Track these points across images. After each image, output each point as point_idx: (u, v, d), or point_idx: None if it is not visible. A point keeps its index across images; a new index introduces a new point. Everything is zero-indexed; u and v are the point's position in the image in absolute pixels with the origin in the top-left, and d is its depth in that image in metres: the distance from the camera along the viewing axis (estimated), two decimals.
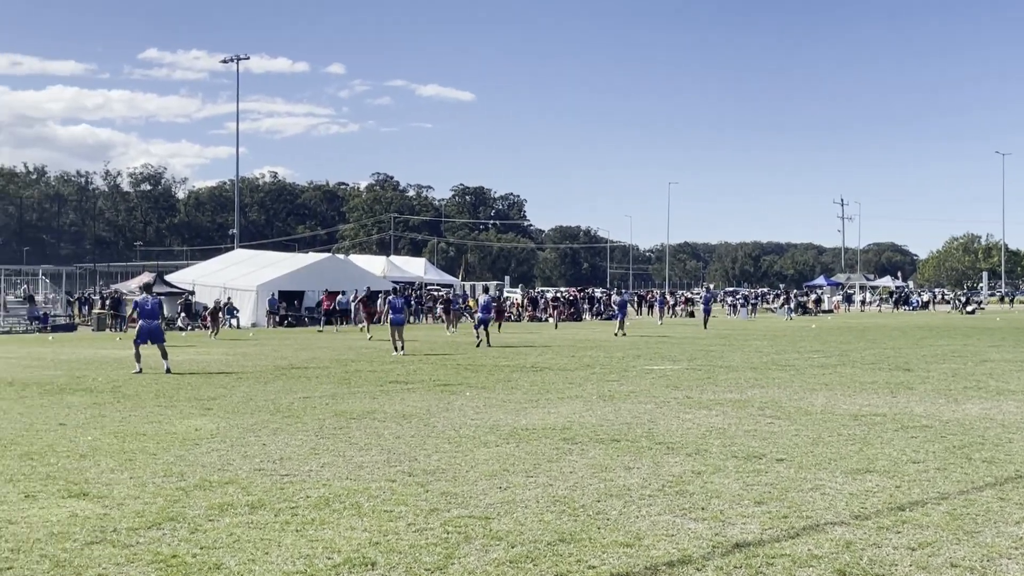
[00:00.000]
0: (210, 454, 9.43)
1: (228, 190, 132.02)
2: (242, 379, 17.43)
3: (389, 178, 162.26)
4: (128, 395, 14.82)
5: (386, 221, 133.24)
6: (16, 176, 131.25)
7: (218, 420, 11.90)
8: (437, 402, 13.74)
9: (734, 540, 6.21)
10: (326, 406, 13.30)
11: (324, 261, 54.91)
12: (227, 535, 6.36)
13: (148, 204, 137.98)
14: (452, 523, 6.66)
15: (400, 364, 20.70)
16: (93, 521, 6.71)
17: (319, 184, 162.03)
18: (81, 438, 10.47)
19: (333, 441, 10.21)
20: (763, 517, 6.79)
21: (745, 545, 6.09)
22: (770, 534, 6.36)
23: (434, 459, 9.11)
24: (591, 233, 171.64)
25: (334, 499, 7.41)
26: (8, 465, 8.83)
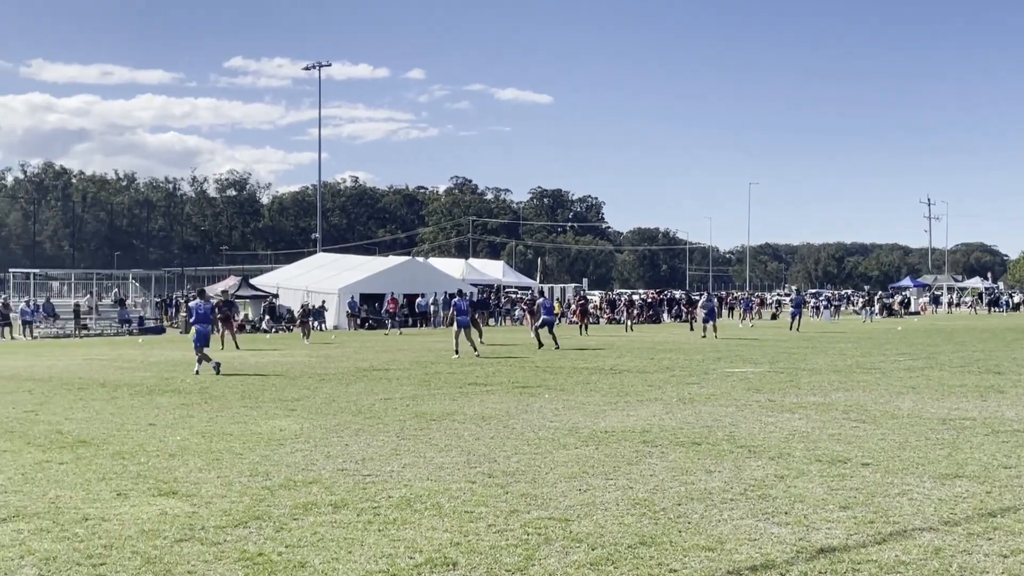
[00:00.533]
0: (294, 454, 9.59)
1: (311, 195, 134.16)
2: (325, 380, 17.69)
3: (468, 181, 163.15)
4: (215, 396, 15.14)
5: (465, 224, 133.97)
6: (107, 183, 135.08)
7: (302, 421, 12.09)
8: (516, 404, 13.77)
9: (819, 545, 6.11)
10: (407, 407, 13.43)
11: (404, 264, 55.39)
12: (311, 534, 6.46)
13: (233, 209, 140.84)
14: (532, 525, 6.67)
15: (479, 366, 20.80)
16: (182, 519, 6.88)
17: (399, 188, 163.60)
18: (170, 438, 10.73)
19: (414, 442, 10.31)
20: (848, 522, 6.67)
21: (830, 550, 5.99)
22: (856, 539, 6.24)
23: (513, 461, 9.14)
24: (670, 235, 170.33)
25: (415, 499, 7.48)
26: (101, 464, 9.10)
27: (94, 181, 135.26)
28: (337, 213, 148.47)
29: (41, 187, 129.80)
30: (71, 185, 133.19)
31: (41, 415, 12.86)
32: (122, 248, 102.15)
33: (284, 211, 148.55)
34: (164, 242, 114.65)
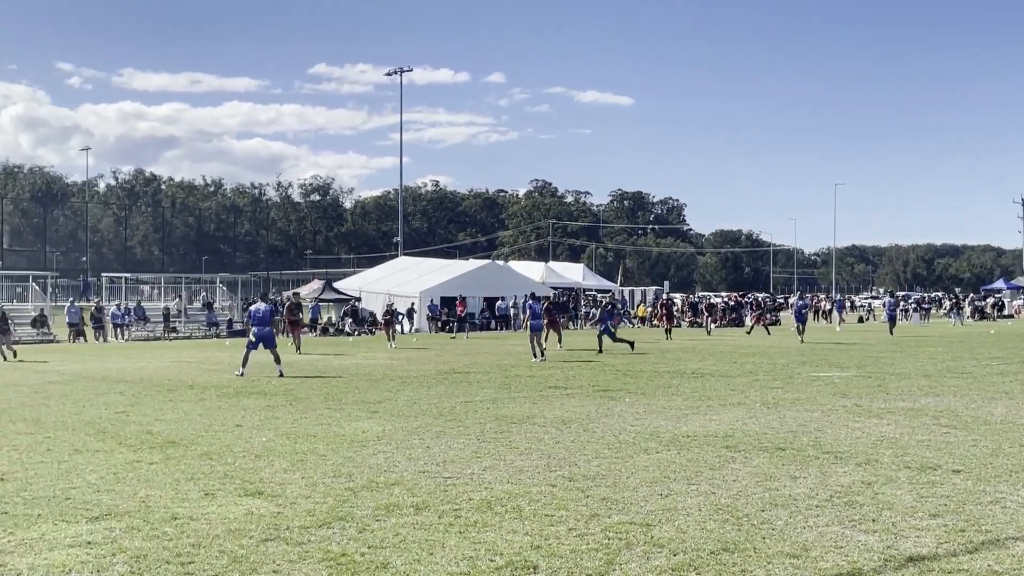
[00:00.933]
0: (376, 456, 9.69)
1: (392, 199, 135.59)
2: (406, 383, 17.84)
3: (547, 184, 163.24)
4: (299, 398, 15.38)
5: (544, 227, 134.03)
6: (195, 189, 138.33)
7: (384, 423, 12.21)
8: (596, 407, 13.72)
9: (907, 554, 5.97)
10: (487, 410, 13.47)
11: (484, 267, 55.62)
12: (393, 535, 6.52)
13: (317, 214, 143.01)
14: (613, 529, 6.63)
15: (559, 369, 20.77)
16: (267, 519, 7.00)
17: (479, 192, 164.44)
18: (256, 439, 10.93)
19: (494, 445, 10.34)
20: (938, 530, 6.50)
21: (919, 559, 5.84)
22: (946, 548, 6.08)
23: (594, 464, 9.10)
24: (753, 237, 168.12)
25: (496, 502, 7.50)
26: (189, 464, 9.30)
27: (183, 187, 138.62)
28: (418, 217, 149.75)
29: (132, 193, 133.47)
30: (161, 191, 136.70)
31: (132, 416, 13.20)
32: (210, 253, 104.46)
33: (366, 215, 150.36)
34: (250, 246, 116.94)
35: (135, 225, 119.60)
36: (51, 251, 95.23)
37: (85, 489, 8.06)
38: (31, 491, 7.99)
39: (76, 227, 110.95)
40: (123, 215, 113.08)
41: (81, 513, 7.18)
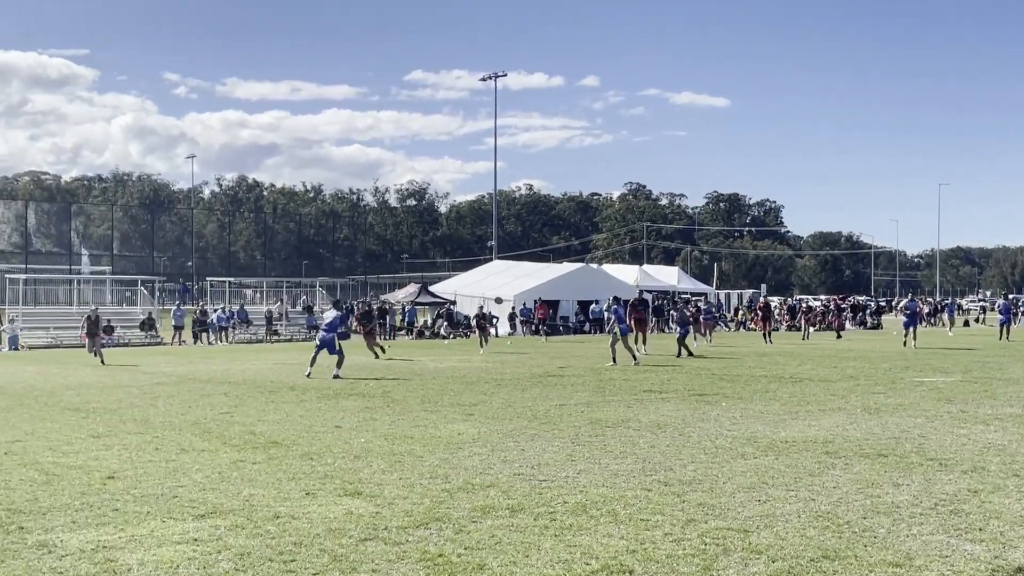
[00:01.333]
0: (472, 458, 9.77)
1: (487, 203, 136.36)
2: (501, 386, 17.93)
3: (642, 187, 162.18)
4: (396, 400, 15.59)
5: (639, 230, 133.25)
6: (296, 195, 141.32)
7: (479, 425, 12.30)
8: (692, 412, 13.60)
9: (1016, 564, 5.78)
10: (581, 413, 13.47)
11: (578, 271, 55.57)
12: (489, 537, 6.57)
13: (413, 218, 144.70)
14: (710, 535, 6.58)
15: (653, 373, 20.63)
16: (366, 519, 7.12)
17: (573, 195, 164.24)
18: (354, 440, 11.12)
19: (589, 448, 10.33)
20: None
21: None
22: None
23: (690, 469, 9.03)
24: (853, 239, 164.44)
25: (591, 505, 7.49)
26: (291, 464, 9.51)
27: (284, 193, 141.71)
28: (512, 221, 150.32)
29: (235, 199, 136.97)
30: (263, 197, 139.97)
31: (236, 417, 13.55)
32: (309, 257, 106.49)
33: (461, 219, 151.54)
34: (348, 251, 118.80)
35: (238, 230, 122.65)
36: (158, 256, 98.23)
37: (191, 487, 8.31)
38: (140, 489, 8.26)
39: (182, 233, 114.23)
40: (227, 221, 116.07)
41: (188, 511, 7.40)
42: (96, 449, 10.52)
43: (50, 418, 13.51)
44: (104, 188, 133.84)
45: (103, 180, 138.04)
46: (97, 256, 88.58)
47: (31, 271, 60.49)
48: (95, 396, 16.69)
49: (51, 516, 7.22)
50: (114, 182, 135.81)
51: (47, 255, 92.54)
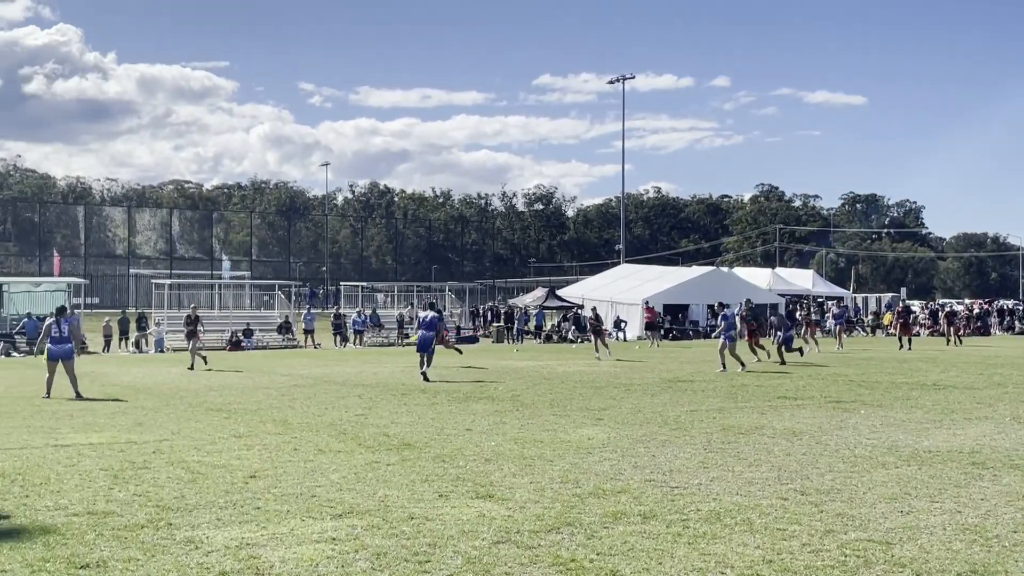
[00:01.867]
0: (602, 463, 9.73)
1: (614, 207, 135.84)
2: (630, 391, 17.82)
3: (774, 188, 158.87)
4: (525, 404, 15.66)
5: (771, 232, 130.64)
6: (425, 200, 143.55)
7: (609, 430, 12.25)
8: (829, 419, 13.25)
9: None
10: (713, 420, 13.27)
11: (708, 274, 54.81)
12: (621, 543, 6.53)
13: (540, 222, 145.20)
14: (850, 546, 6.39)
15: (788, 379, 20.18)
16: (498, 522, 7.16)
17: (702, 197, 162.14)
18: (485, 443, 11.21)
19: (721, 455, 10.17)
20: None
21: None
22: None
23: (827, 478, 8.80)
24: (1000, 240, 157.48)
25: (724, 514, 7.37)
26: (424, 466, 9.65)
27: (414, 199, 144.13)
28: (640, 224, 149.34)
29: (367, 206, 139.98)
30: (394, 203, 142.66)
31: (370, 418, 13.83)
32: (439, 261, 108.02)
33: (588, 223, 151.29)
34: (476, 255, 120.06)
35: (370, 236, 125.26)
36: (294, 261, 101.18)
37: (329, 487, 8.51)
38: (281, 488, 8.51)
39: (316, 238, 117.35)
40: (359, 226, 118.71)
41: (326, 510, 7.59)
42: (238, 449, 10.88)
43: (195, 418, 14.05)
44: (243, 195, 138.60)
45: (242, 188, 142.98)
46: (237, 261, 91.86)
47: (175, 276, 63.09)
48: (237, 397, 17.28)
49: (197, 513, 7.50)
50: (252, 190, 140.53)
51: (190, 261, 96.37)
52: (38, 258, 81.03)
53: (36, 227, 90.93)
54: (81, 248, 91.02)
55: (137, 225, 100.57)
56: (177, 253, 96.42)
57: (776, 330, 25.31)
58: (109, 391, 18.77)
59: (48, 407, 15.65)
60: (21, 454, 10.55)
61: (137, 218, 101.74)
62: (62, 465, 9.73)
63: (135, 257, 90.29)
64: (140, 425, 13.19)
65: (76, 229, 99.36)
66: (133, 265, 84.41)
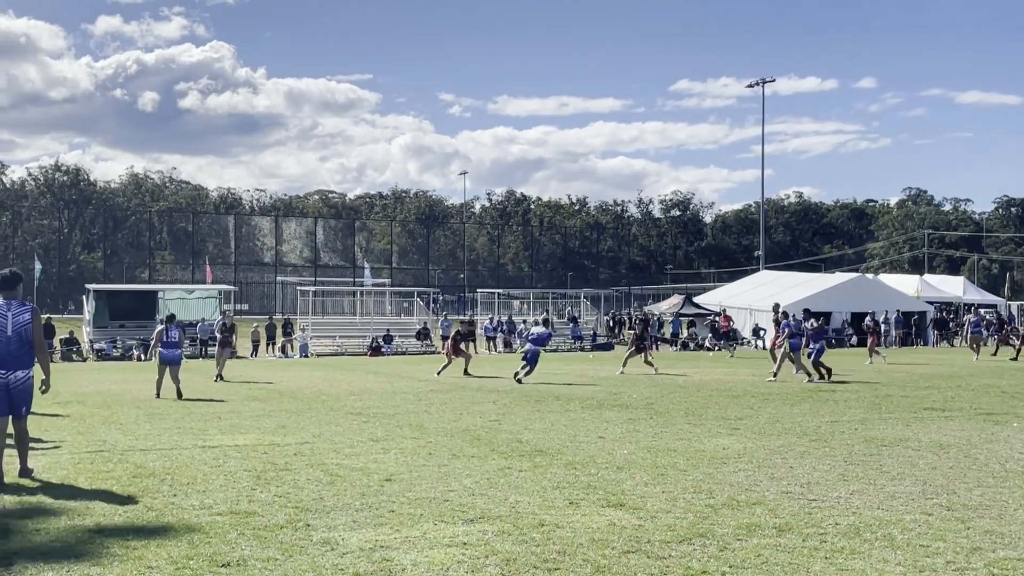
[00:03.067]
0: (737, 473, 9.55)
1: (754, 212, 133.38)
2: (768, 400, 17.44)
3: (922, 192, 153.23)
4: (659, 412, 15.50)
5: (919, 238, 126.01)
6: (561, 207, 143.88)
7: (745, 440, 12.02)
8: (979, 432, 12.68)
9: None
10: (855, 431, 12.87)
11: (852, 281, 53.30)
12: (755, 556, 6.39)
13: (677, 229, 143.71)
14: (997, 564, 6.10)
15: (936, 390, 19.41)
16: (629, 531, 7.11)
17: (846, 202, 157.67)
18: (618, 451, 11.15)
19: (863, 468, 9.85)
20: None
21: None
22: None
23: (976, 494, 8.42)
24: None
25: (864, 528, 7.14)
26: (555, 473, 9.66)
27: (550, 206, 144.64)
28: (780, 230, 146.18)
29: (504, 213, 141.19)
30: (530, 211, 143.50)
31: (503, 424, 13.93)
32: (574, 268, 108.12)
33: (727, 229, 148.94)
34: (612, 262, 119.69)
35: (507, 243, 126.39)
36: (433, 269, 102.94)
37: (461, 492, 8.61)
38: (415, 492, 8.65)
39: (455, 246, 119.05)
40: (496, 234, 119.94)
41: (458, 515, 7.67)
42: (375, 452, 11.12)
43: (335, 421, 14.42)
44: (384, 204, 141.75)
45: (383, 197, 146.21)
46: (378, 269, 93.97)
47: (319, 283, 64.95)
48: (375, 402, 17.66)
49: (334, 515, 7.70)
50: (393, 199, 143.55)
51: (333, 268, 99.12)
52: (191, 266, 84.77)
53: (190, 236, 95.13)
54: (231, 256, 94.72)
55: (284, 234, 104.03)
56: (321, 261, 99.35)
57: (808, 340, 23.42)
58: (254, 394, 19.44)
59: (198, 409, 16.32)
60: (171, 454, 11.03)
61: (284, 227, 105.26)
62: (208, 465, 10.13)
63: (282, 265, 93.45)
64: (283, 428, 13.62)
65: (227, 238, 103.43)
66: (280, 273, 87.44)
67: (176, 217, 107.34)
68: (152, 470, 9.84)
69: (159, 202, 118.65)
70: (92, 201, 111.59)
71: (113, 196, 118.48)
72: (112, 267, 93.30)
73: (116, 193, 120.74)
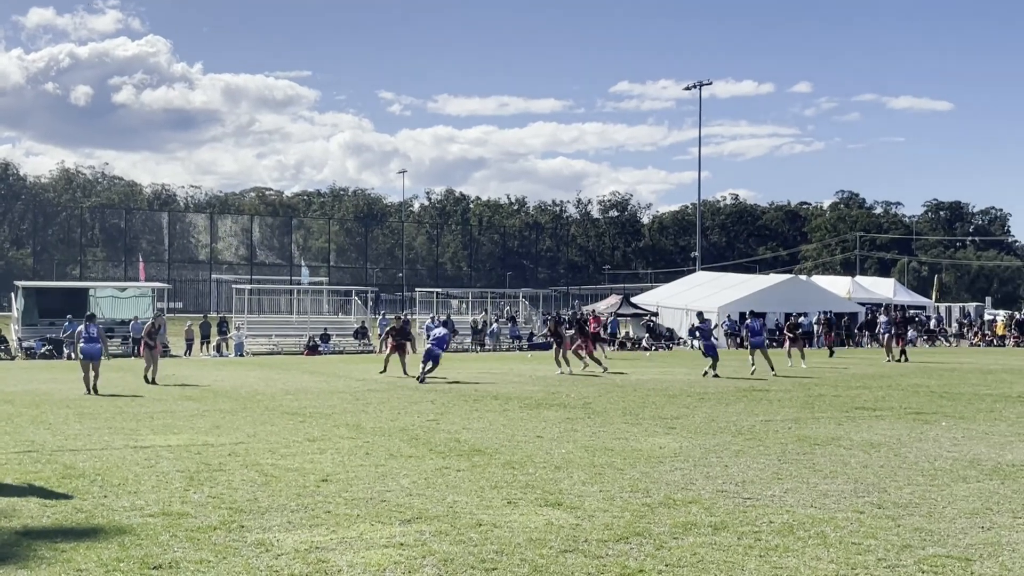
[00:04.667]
0: (673, 472, 9.62)
1: (691, 214, 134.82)
2: (704, 400, 17.62)
3: (855, 195, 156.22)
4: (597, 411, 15.57)
5: (851, 240, 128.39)
6: (500, 207, 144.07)
7: (681, 439, 12.12)
8: (909, 431, 12.94)
9: None
10: (788, 430, 13.05)
11: (786, 282, 54.08)
12: (691, 554, 6.44)
13: (615, 229, 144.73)
14: (927, 562, 6.22)
15: (867, 389, 19.77)
16: (566, 530, 7.12)
17: (781, 204, 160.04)
18: (556, 450, 11.17)
19: (796, 466, 9.99)
20: None
21: None
22: None
23: (906, 492, 8.58)
24: None
25: (798, 526, 7.23)
26: (493, 473, 9.65)
27: (489, 206, 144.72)
28: (717, 231, 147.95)
29: (443, 212, 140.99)
30: (469, 210, 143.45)
31: (441, 424, 13.89)
32: (513, 268, 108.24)
33: (664, 230, 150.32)
34: (551, 262, 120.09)
35: (446, 243, 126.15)
36: (371, 267, 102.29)
37: (399, 492, 8.55)
38: (351, 492, 8.58)
39: (393, 245, 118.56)
40: (435, 233, 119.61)
41: (395, 515, 7.62)
42: (312, 452, 11.01)
43: (270, 421, 14.26)
44: (322, 202, 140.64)
45: (321, 195, 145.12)
46: (315, 267, 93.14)
47: (255, 281, 64.21)
48: (312, 401, 17.50)
49: (269, 516, 7.60)
50: (331, 197, 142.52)
51: (270, 266, 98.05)
52: (124, 263, 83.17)
53: (123, 233, 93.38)
54: (165, 254, 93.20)
55: (219, 231, 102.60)
56: (257, 259, 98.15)
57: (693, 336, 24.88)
58: (188, 393, 19.15)
59: (130, 408, 16.02)
60: (102, 455, 10.81)
61: (219, 224, 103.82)
62: (140, 466, 9.95)
63: (217, 263, 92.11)
64: (217, 428, 13.43)
65: (161, 235, 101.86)
66: (215, 271, 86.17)
67: (108, 214, 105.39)
68: (82, 471, 9.63)
69: (91, 198, 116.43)
70: (22, 196, 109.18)
71: (43, 191, 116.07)
72: (42, 264, 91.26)
73: (46, 188, 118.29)
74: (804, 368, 26.49)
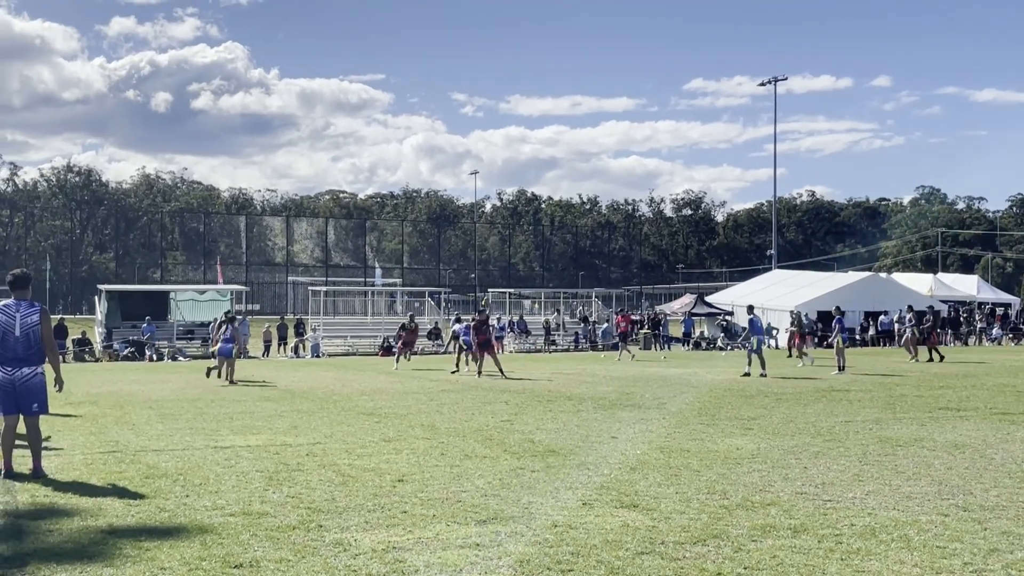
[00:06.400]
0: (751, 474, 9.50)
1: (766, 211, 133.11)
2: (782, 400, 17.36)
3: (936, 191, 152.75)
4: (672, 412, 15.45)
5: (932, 237, 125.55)
6: (572, 207, 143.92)
7: (758, 440, 11.96)
8: (994, 432, 12.59)
9: None
10: (870, 431, 12.79)
11: (865, 280, 53.11)
12: (770, 557, 6.34)
13: (689, 228, 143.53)
14: (1015, 566, 6.04)
15: (951, 389, 19.30)
16: (643, 532, 7.07)
17: (859, 201, 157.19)
18: (631, 451, 11.10)
19: (878, 468, 9.78)
20: None
21: None
22: None
23: (992, 494, 8.35)
24: None
25: (880, 529, 7.08)
26: (568, 473, 9.62)
27: (561, 206, 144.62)
28: (793, 229, 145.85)
29: (515, 213, 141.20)
30: (541, 210, 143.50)
31: (516, 425, 13.89)
32: (585, 268, 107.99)
33: (739, 228, 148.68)
34: (623, 261, 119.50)
35: (518, 243, 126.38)
36: (444, 268, 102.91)
37: (474, 493, 8.57)
38: (427, 492, 8.62)
39: (466, 246, 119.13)
40: (507, 233, 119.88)
41: (470, 516, 7.64)
42: (387, 453, 11.09)
43: (347, 422, 14.41)
44: (395, 204, 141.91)
45: (395, 197, 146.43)
46: (389, 269, 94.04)
47: (330, 283, 65.01)
48: (387, 402, 17.65)
49: (347, 516, 7.67)
50: (404, 199, 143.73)
51: (344, 268, 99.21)
52: (203, 266, 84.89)
53: (201, 237, 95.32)
54: (243, 257, 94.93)
55: (295, 234, 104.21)
56: (332, 261, 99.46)
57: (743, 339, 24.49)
58: (267, 394, 19.45)
59: (210, 410, 16.33)
60: (183, 455, 11.03)
61: (295, 227, 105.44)
62: (220, 466, 10.13)
63: (293, 265, 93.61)
64: (295, 428, 13.62)
65: (238, 238, 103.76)
66: (291, 273, 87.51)
67: (188, 218, 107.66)
68: (164, 471, 9.84)
69: (171, 203, 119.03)
70: (104, 202, 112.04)
71: (125, 197, 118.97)
72: (124, 268, 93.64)
73: (128, 194, 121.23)
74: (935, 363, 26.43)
